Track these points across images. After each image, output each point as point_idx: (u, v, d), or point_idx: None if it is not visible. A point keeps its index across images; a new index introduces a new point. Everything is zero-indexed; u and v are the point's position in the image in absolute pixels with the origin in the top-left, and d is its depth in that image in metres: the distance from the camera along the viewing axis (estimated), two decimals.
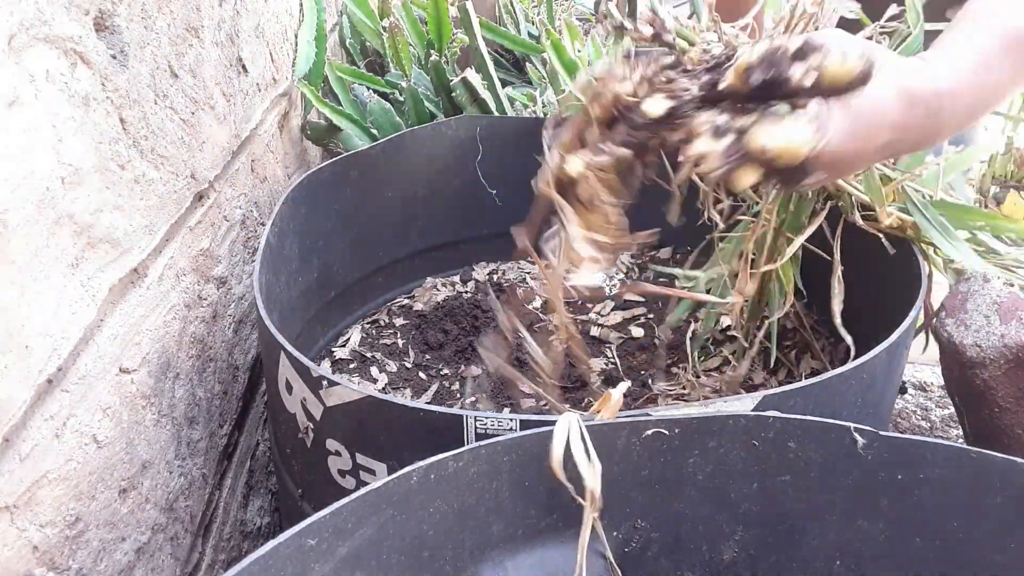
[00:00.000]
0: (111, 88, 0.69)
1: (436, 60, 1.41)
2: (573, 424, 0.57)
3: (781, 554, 0.64)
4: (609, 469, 0.59)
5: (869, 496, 0.60)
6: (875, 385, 0.75)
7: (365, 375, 1.06)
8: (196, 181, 0.88)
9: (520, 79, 1.86)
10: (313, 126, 1.34)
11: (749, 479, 0.62)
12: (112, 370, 0.69)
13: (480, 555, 0.60)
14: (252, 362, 1.05)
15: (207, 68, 0.91)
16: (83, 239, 0.64)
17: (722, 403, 0.66)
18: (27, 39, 0.57)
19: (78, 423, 0.64)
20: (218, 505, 0.93)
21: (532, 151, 1.30)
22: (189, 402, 0.85)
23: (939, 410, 1.41)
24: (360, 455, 0.70)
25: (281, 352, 0.73)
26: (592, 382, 1.04)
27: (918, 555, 0.60)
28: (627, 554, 0.64)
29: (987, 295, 0.91)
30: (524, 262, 1.34)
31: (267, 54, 1.16)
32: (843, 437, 0.59)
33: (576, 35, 1.62)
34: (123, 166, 0.71)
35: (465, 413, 0.64)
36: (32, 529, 0.58)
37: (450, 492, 0.57)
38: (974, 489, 0.58)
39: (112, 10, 0.69)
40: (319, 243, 1.09)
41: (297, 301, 1.04)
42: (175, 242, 0.82)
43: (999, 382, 0.87)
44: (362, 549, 0.53)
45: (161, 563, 0.78)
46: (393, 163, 1.18)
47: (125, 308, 0.72)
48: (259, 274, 0.86)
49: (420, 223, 1.26)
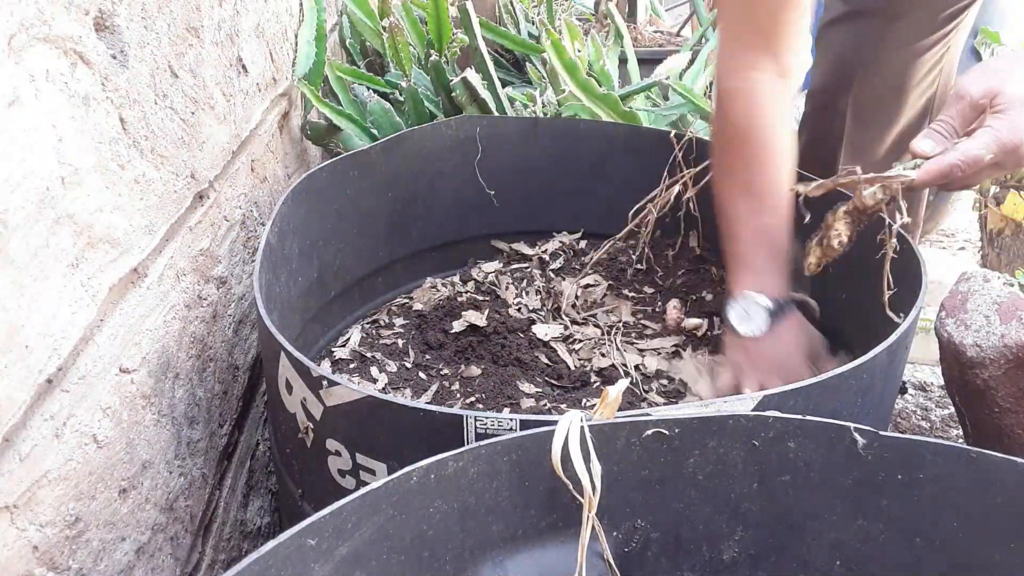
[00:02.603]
0: (111, 88, 0.69)
1: (436, 60, 1.41)
2: (573, 424, 0.57)
3: (781, 554, 0.64)
4: (609, 469, 0.59)
5: (869, 496, 0.60)
6: (875, 385, 0.75)
7: (365, 375, 1.06)
8: (196, 181, 0.88)
9: (520, 79, 1.86)
10: (313, 126, 1.34)
11: (749, 479, 0.62)
12: (112, 370, 0.69)
13: (480, 555, 0.60)
14: (252, 362, 1.05)
15: (207, 68, 0.91)
16: (83, 239, 0.64)
17: (722, 403, 0.66)
18: (27, 39, 0.57)
19: (78, 423, 0.64)
20: (218, 505, 0.93)
21: (532, 151, 1.31)
22: (189, 402, 0.85)
23: (939, 410, 1.41)
24: (360, 455, 0.70)
25: (281, 352, 0.73)
26: (592, 382, 1.04)
27: (918, 555, 0.60)
28: (627, 554, 0.64)
29: (987, 295, 0.91)
30: (522, 263, 1.34)
31: (267, 54, 1.16)
32: (843, 437, 0.59)
33: (576, 35, 1.62)
34: (123, 166, 0.71)
35: (465, 413, 0.64)
36: (32, 529, 0.58)
37: (450, 492, 0.57)
38: (974, 489, 0.58)
39: (112, 10, 0.69)
40: (319, 243, 1.09)
41: (297, 301, 1.04)
42: (175, 242, 0.82)
43: (999, 382, 0.87)
44: (362, 549, 0.53)
45: (161, 563, 0.78)
46: (393, 163, 1.18)
47: (125, 308, 0.72)
48: (259, 274, 0.86)
49: (420, 223, 1.26)
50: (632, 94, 1.55)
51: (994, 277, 0.94)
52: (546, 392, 1.00)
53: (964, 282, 0.95)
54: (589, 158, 1.30)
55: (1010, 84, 0.76)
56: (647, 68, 1.77)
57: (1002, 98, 0.76)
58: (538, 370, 1.05)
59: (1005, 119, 0.75)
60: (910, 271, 0.89)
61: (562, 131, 1.30)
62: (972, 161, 0.75)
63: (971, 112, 0.78)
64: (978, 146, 0.75)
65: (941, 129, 0.79)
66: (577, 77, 1.40)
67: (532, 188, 1.32)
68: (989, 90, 0.76)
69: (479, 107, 1.39)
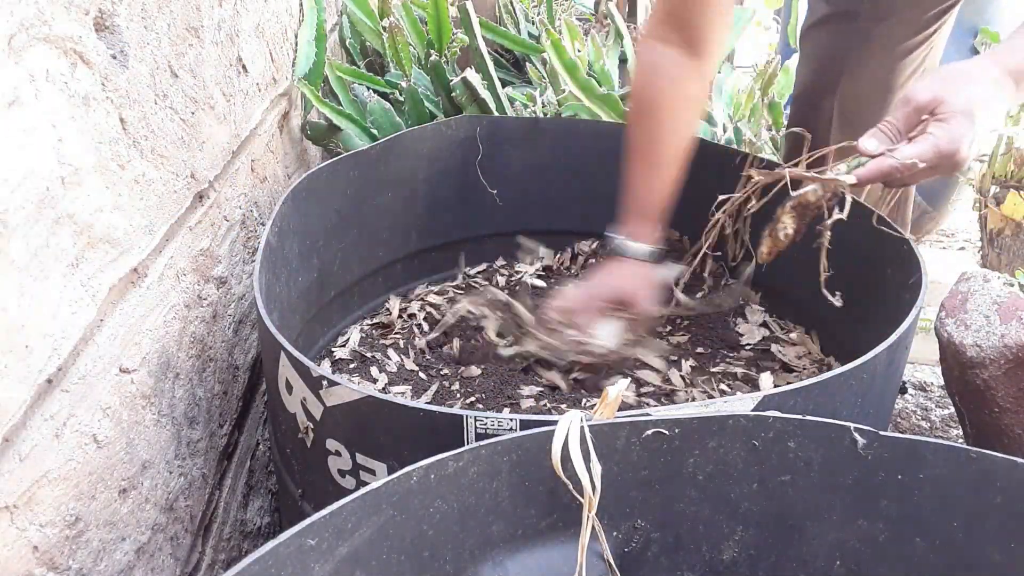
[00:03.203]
0: (111, 88, 0.69)
1: (436, 60, 1.41)
2: (574, 424, 0.57)
3: (781, 554, 0.64)
4: (609, 469, 0.59)
5: (869, 496, 0.60)
6: (875, 385, 0.76)
7: (365, 375, 1.06)
8: (196, 181, 0.88)
9: (520, 79, 1.86)
10: (313, 126, 1.34)
11: (749, 479, 0.62)
12: (112, 370, 0.69)
13: (480, 555, 0.60)
14: (252, 362, 1.05)
15: (207, 68, 0.91)
16: (83, 239, 0.64)
17: (722, 403, 0.66)
18: (27, 39, 0.57)
19: (78, 423, 0.64)
20: (218, 505, 0.93)
21: (532, 151, 1.31)
22: (189, 402, 0.85)
23: (939, 410, 1.41)
24: (360, 455, 0.70)
25: (281, 352, 0.73)
26: None
27: (918, 555, 0.60)
28: (627, 554, 0.64)
29: (987, 295, 0.91)
30: (523, 263, 1.34)
31: (267, 54, 1.16)
32: (843, 437, 0.59)
33: (576, 35, 1.62)
34: (123, 166, 0.71)
35: (465, 413, 0.64)
36: (32, 529, 0.58)
37: (450, 492, 0.57)
38: (974, 489, 0.58)
39: (112, 10, 0.69)
40: (319, 243, 1.09)
41: (297, 301, 1.04)
42: (175, 242, 0.82)
43: (999, 382, 0.87)
44: (362, 549, 0.53)
45: (161, 563, 0.78)
46: (393, 163, 1.18)
47: (125, 308, 0.72)
48: (259, 274, 0.86)
49: (420, 223, 1.26)
50: None
51: (994, 277, 0.94)
52: (546, 392, 1.00)
53: (964, 282, 0.95)
54: (589, 158, 1.30)
55: (954, 95, 0.81)
56: None
57: (945, 107, 0.81)
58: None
59: (945, 128, 0.80)
60: (910, 271, 0.89)
61: (562, 131, 1.30)
62: (910, 166, 0.80)
63: (915, 116, 0.84)
64: (918, 152, 0.81)
65: (886, 130, 0.85)
66: (577, 77, 1.40)
67: (532, 188, 1.32)
68: (935, 98, 0.82)
69: (479, 107, 1.39)
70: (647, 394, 1.01)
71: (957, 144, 0.80)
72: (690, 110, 1.04)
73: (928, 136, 0.81)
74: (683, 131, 1.03)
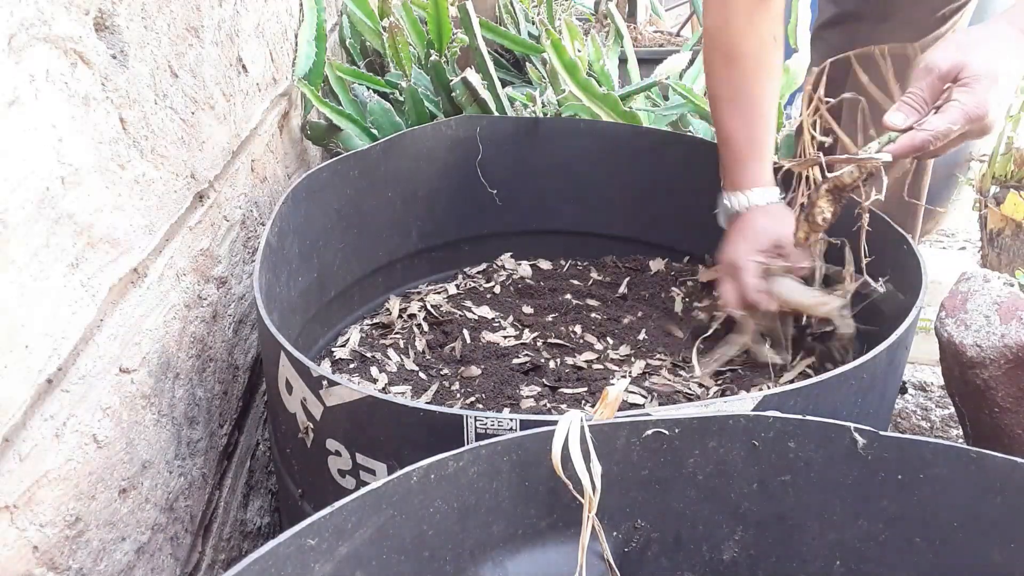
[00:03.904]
0: (111, 88, 0.69)
1: (436, 60, 1.41)
2: (573, 424, 0.57)
3: (781, 554, 0.64)
4: (609, 469, 0.59)
5: (869, 496, 0.60)
6: (875, 385, 0.75)
7: (365, 375, 1.06)
8: (196, 181, 0.88)
9: (520, 79, 1.86)
10: (313, 126, 1.34)
11: (749, 479, 0.62)
12: (112, 370, 0.69)
13: (480, 555, 0.60)
14: (252, 362, 1.05)
15: (207, 68, 0.91)
16: (83, 239, 0.64)
17: (722, 403, 0.66)
18: (27, 39, 0.57)
19: (78, 423, 0.64)
20: (218, 505, 0.93)
21: (532, 151, 1.30)
22: (189, 402, 0.85)
23: (939, 410, 1.41)
24: (360, 455, 0.70)
25: (281, 352, 0.73)
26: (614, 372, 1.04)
27: (918, 555, 0.60)
28: (627, 554, 0.64)
29: (987, 295, 0.91)
30: (523, 262, 1.34)
31: (267, 54, 1.16)
32: (843, 437, 0.59)
33: (576, 35, 1.62)
34: (123, 166, 0.71)
35: (465, 413, 0.64)
36: (32, 529, 0.58)
37: (450, 492, 0.57)
38: (974, 489, 0.58)
39: (112, 10, 0.69)
40: (319, 243, 1.09)
41: (297, 301, 1.04)
42: (175, 242, 0.82)
43: (999, 382, 0.87)
44: (362, 549, 0.53)
45: (161, 563, 0.78)
46: (393, 163, 1.18)
47: (125, 308, 0.72)
48: (259, 274, 0.86)
49: (420, 223, 1.26)
50: (632, 94, 1.55)
51: (994, 277, 0.94)
52: (546, 392, 1.00)
53: (964, 282, 0.96)
54: (589, 158, 1.30)
55: (975, 57, 0.80)
56: (647, 68, 1.77)
57: (968, 71, 0.80)
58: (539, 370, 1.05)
59: (971, 92, 0.80)
60: (910, 271, 0.89)
61: (562, 131, 1.30)
62: (943, 135, 0.80)
63: (939, 84, 0.83)
64: (947, 120, 0.80)
65: (911, 101, 0.84)
66: (577, 77, 1.40)
67: (532, 188, 1.32)
68: (956, 63, 0.81)
69: (479, 107, 1.39)
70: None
71: (984, 107, 0.79)
72: (774, 52, 1.06)
73: (954, 103, 0.80)
74: (774, 74, 1.05)
